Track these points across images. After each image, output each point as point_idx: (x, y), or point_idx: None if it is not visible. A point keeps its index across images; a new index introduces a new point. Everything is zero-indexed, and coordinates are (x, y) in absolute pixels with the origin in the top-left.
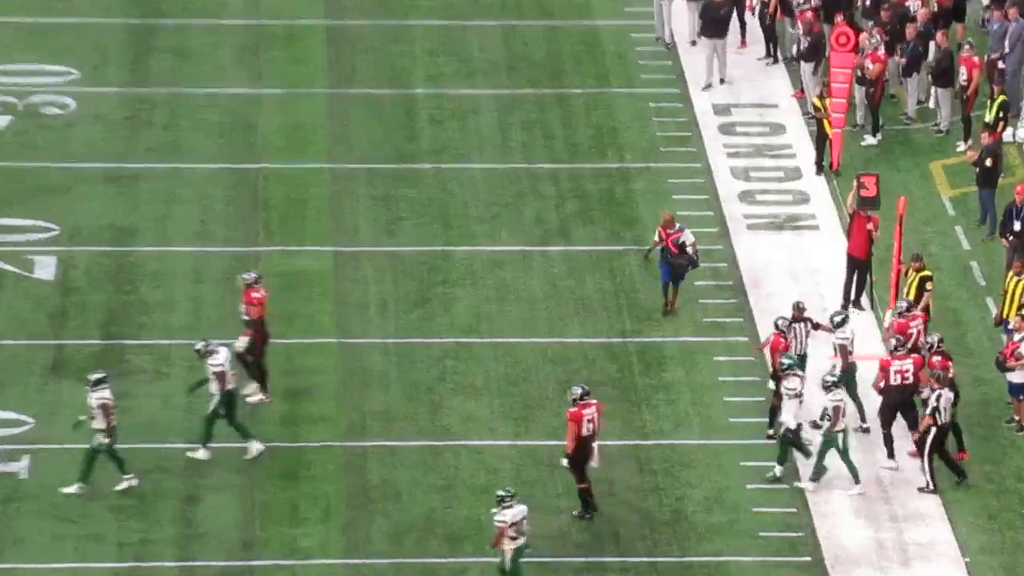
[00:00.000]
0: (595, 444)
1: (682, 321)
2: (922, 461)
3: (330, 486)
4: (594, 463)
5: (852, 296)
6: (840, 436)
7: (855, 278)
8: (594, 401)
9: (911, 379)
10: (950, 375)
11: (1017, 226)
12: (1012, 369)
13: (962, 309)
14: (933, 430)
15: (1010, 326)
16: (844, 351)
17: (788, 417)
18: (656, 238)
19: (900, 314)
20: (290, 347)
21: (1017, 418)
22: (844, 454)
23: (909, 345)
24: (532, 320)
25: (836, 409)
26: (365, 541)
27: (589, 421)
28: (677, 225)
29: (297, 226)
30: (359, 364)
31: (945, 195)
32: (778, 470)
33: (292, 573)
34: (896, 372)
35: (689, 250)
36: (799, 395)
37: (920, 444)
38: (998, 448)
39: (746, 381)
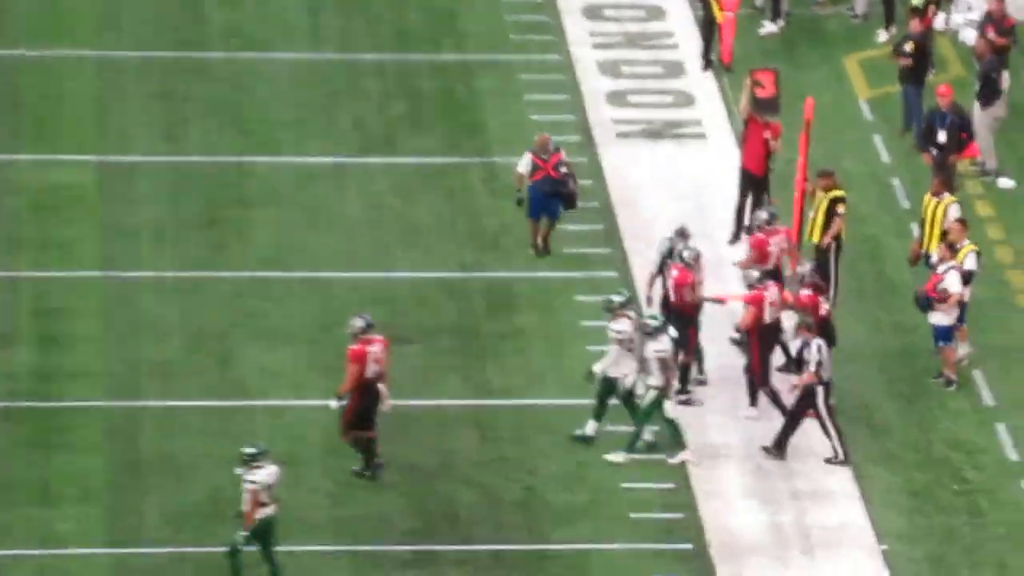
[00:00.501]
0: (381, 385)
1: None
2: (824, 428)
3: (92, 458)
4: (386, 407)
5: (746, 221)
6: (652, 392)
7: (750, 199)
8: (379, 336)
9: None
10: (823, 312)
11: (942, 137)
12: (933, 308)
13: (882, 237)
14: (819, 389)
15: (933, 258)
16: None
17: (610, 364)
18: (525, 168)
19: (760, 227)
20: (42, 283)
21: (945, 371)
22: (656, 416)
23: (769, 267)
24: (349, 250)
25: (662, 362)
26: (135, 526)
27: (375, 361)
28: (552, 146)
29: (53, 130)
30: (129, 305)
31: (862, 97)
32: (589, 427)
33: (40, 565)
34: (771, 305)
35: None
36: (627, 340)
37: (801, 406)
38: (924, 410)
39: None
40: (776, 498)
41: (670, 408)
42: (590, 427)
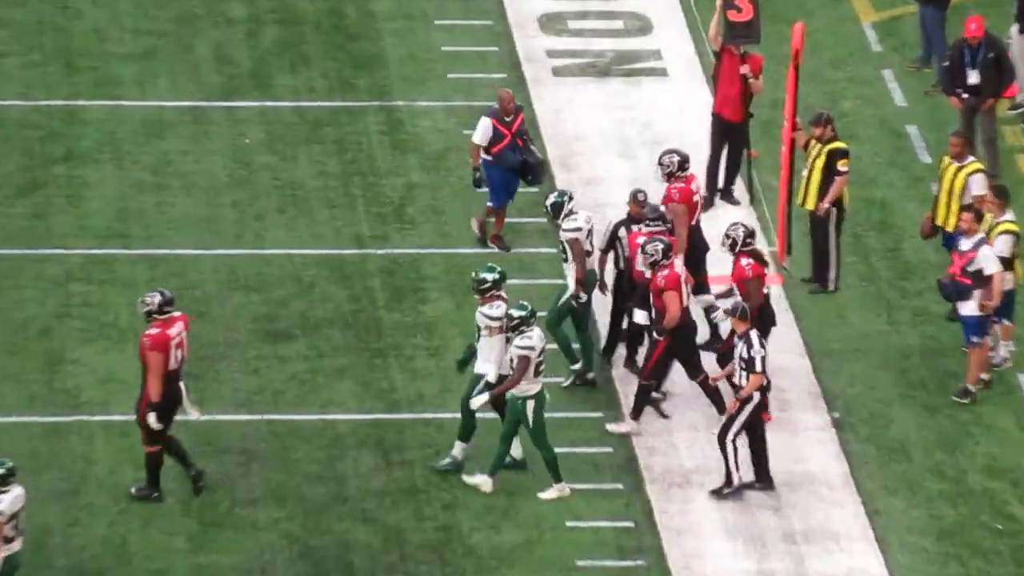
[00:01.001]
0: (182, 383)
1: (450, 223)
2: (724, 447)
3: None
4: (194, 413)
5: (721, 181)
6: (530, 403)
7: (725, 152)
8: (180, 313)
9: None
10: (763, 292)
11: (974, 78)
12: (965, 296)
13: (895, 202)
14: (756, 396)
15: (959, 230)
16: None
17: (486, 366)
18: (483, 137)
19: (671, 176)
20: None
21: (967, 379)
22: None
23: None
24: (211, 218)
25: (523, 360)
26: None
27: (177, 346)
28: (515, 105)
29: None
30: None
31: (867, 20)
32: (457, 450)
33: None
34: (687, 282)
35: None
36: (505, 329)
37: (754, 420)
38: (953, 425)
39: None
40: (765, 539)
41: (478, 402)
42: (457, 449)
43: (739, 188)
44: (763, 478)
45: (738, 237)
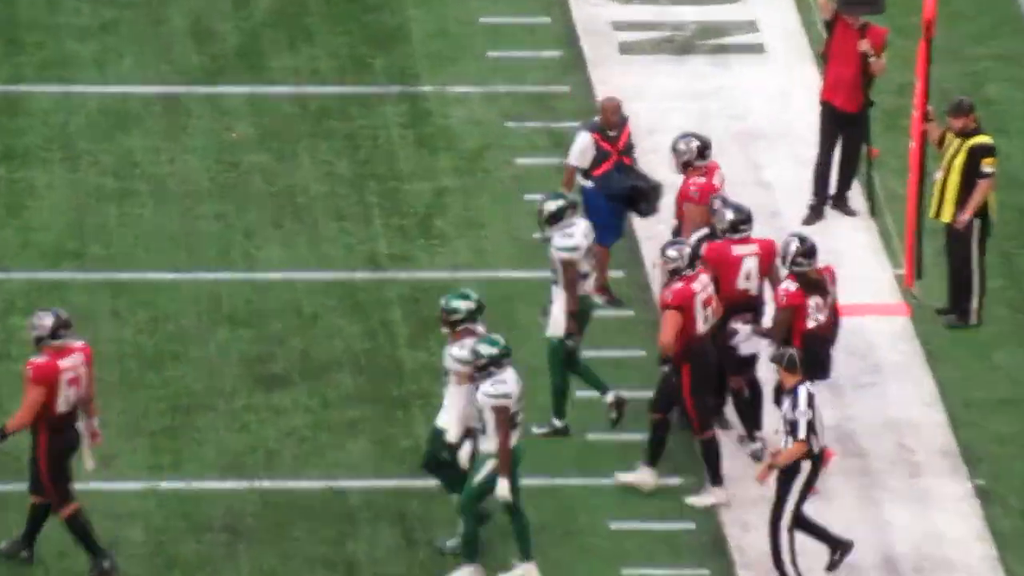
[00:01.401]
0: (82, 424)
1: (490, 238)
2: (776, 539)
3: None
4: (89, 464)
5: (835, 186)
6: (490, 463)
7: (840, 149)
8: (80, 343)
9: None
10: (812, 323)
11: None
12: None
13: None
14: (805, 468)
15: None
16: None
17: (446, 419)
18: (582, 157)
19: (687, 167)
20: None
21: None
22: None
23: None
24: (189, 234)
25: (499, 413)
26: None
27: (71, 383)
28: (622, 115)
29: None
30: None
31: None
32: (461, 531)
33: None
34: (705, 304)
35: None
36: (484, 374)
37: (787, 492)
38: None
39: (617, 357)
40: None
41: (504, 488)
42: (462, 527)
43: (856, 195)
44: (832, 543)
45: (789, 253)
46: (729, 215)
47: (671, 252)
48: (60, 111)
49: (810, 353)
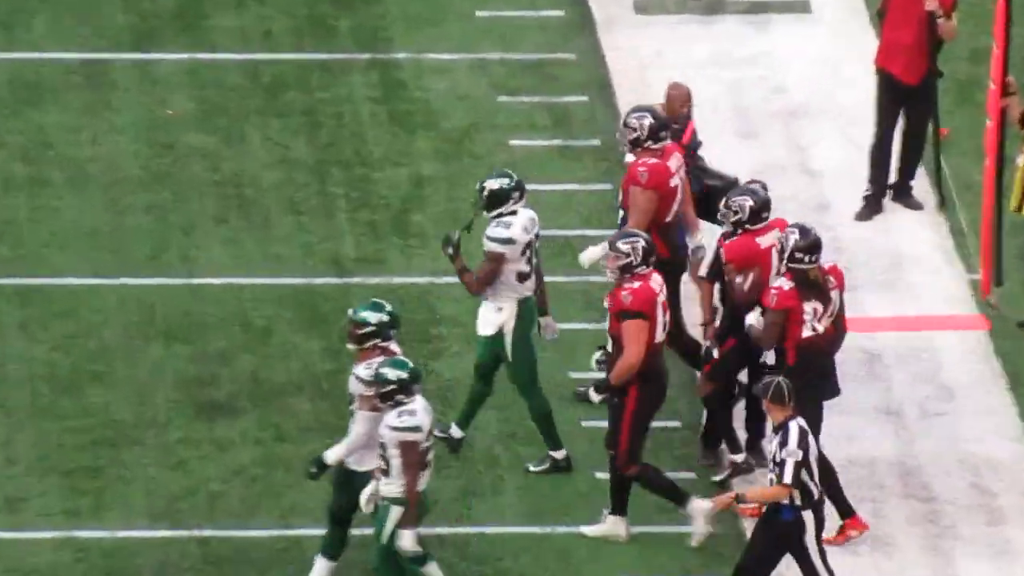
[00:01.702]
0: None
1: (478, 235)
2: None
3: None
4: None
5: (896, 173)
6: (396, 510)
7: (901, 129)
8: None
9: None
10: (809, 332)
11: None
12: None
13: None
14: (806, 520)
15: None
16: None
17: (341, 445)
18: (640, 146)
19: (638, 146)
20: None
21: None
22: (378, 542)
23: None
24: (115, 231)
25: (408, 449)
26: None
27: None
28: (690, 107)
29: None
30: None
31: None
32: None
33: None
34: (663, 306)
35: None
36: (389, 403)
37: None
38: None
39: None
40: None
41: (409, 540)
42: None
43: (921, 183)
44: None
45: (787, 246)
46: (748, 202)
47: (622, 246)
48: None
49: (806, 367)
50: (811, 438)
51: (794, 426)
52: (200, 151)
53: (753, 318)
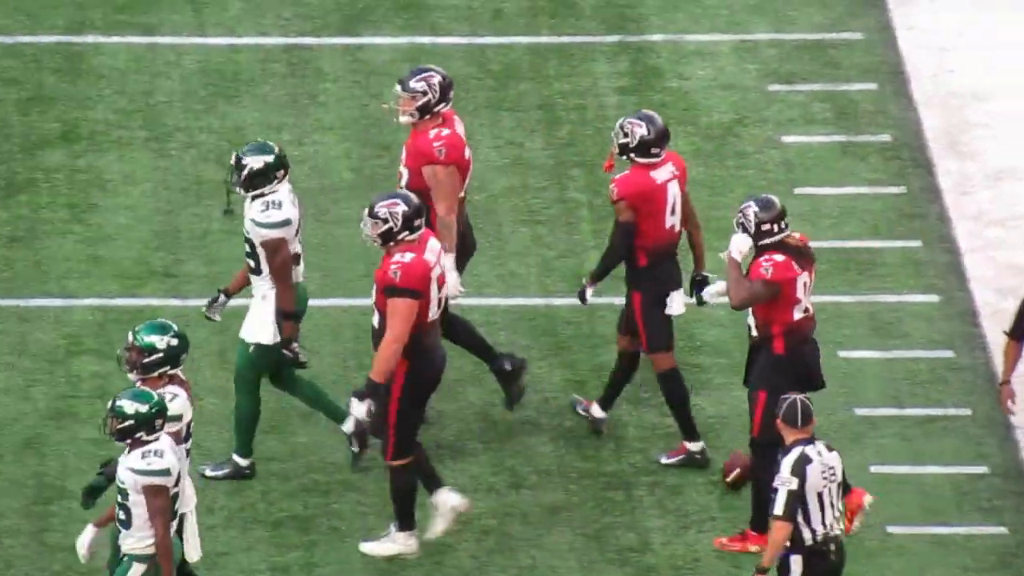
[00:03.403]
0: None
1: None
2: None
3: None
4: None
5: None
6: (138, 567)
7: None
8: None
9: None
10: (811, 316)
11: None
12: None
13: None
14: (795, 568)
15: None
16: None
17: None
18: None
19: (425, 113)
20: None
21: None
22: None
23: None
24: (306, 247)
25: (156, 495)
26: None
27: None
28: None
29: None
30: None
31: None
32: None
33: None
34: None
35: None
36: (131, 442)
37: None
38: None
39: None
40: None
41: None
42: None
43: None
44: None
45: (749, 221)
46: (640, 130)
47: (380, 211)
48: (142, 71)
49: (798, 358)
50: (816, 468)
51: (796, 451)
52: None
53: (713, 291)
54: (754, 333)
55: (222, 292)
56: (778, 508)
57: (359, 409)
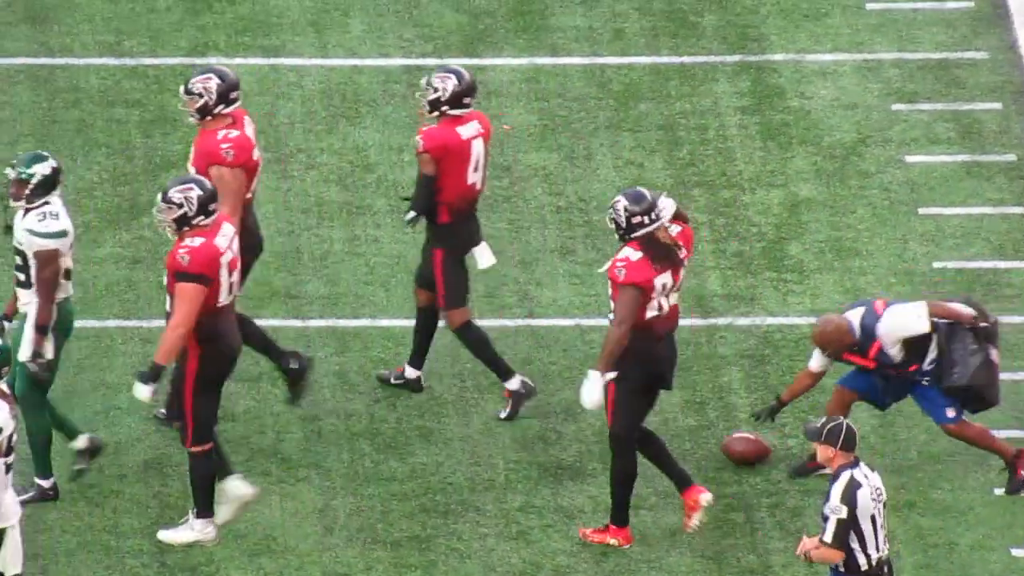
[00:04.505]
0: None
1: (870, 268)
2: None
3: None
4: None
5: None
6: None
7: None
8: None
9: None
10: (671, 314)
11: None
12: None
13: None
14: None
15: None
16: None
17: None
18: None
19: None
20: None
21: None
22: None
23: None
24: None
25: None
26: None
27: None
28: None
29: None
30: None
31: None
32: None
33: None
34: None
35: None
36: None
37: None
38: None
39: None
40: None
41: None
42: None
43: None
44: None
45: (619, 214)
46: (451, 82)
47: (174, 196)
48: (264, 93)
49: (644, 353)
50: (865, 492)
51: (845, 476)
52: (541, 172)
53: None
54: None
55: (3, 318)
56: (828, 536)
57: (142, 391)
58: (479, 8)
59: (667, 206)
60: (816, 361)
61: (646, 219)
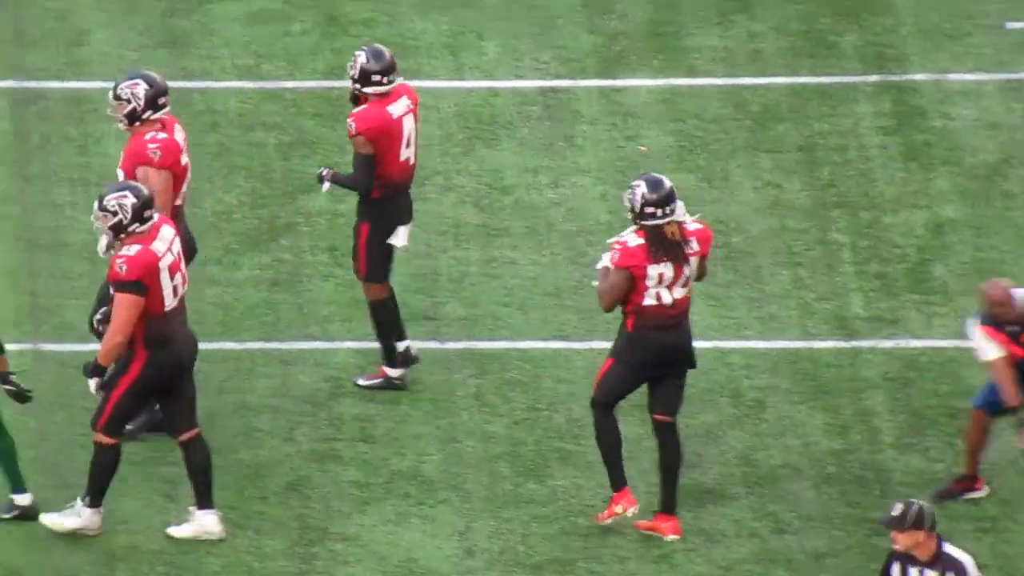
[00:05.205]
0: None
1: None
2: None
3: None
4: None
5: None
6: None
7: None
8: None
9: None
10: (677, 306)
11: None
12: None
13: None
14: None
15: None
16: None
17: None
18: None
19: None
20: None
21: None
22: None
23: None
24: (561, 292)
25: None
26: None
27: None
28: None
29: None
30: None
31: None
32: None
33: None
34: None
35: None
36: None
37: None
38: None
39: None
40: None
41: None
42: None
43: None
44: None
45: (635, 201)
46: (362, 59)
47: (109, 203)
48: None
49: (644, 341)
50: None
51: (955, 553)
52: (678, 194)
53: (607, 261)
54: None
55: None
56: None
57: (88, 382)
58: (615, 29)
59: (680, 207)
60: (988, 350)
61: (659, 211)
